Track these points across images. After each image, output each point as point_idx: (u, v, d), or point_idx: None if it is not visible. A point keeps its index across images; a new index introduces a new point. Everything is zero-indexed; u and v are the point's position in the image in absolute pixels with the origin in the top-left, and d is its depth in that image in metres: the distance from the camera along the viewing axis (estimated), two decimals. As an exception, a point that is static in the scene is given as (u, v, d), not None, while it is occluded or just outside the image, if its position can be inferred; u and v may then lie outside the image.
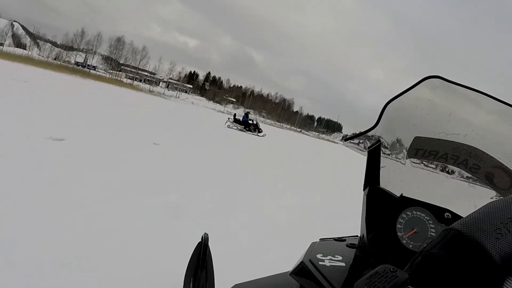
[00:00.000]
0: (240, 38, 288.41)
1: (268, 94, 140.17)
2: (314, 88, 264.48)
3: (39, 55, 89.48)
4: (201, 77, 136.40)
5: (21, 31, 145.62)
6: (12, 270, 2.18)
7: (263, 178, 7.26)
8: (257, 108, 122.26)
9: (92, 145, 6.28)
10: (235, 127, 23.96)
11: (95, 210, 3.37)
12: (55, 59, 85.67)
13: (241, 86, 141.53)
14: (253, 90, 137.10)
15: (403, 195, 0.89)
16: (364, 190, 0.94)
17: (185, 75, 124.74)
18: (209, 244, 1.07)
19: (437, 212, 0.85)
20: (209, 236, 1.05)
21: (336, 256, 0.85)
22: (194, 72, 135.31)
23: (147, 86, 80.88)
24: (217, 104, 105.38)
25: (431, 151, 0.90)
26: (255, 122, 24.97)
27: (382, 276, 0.45)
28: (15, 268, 2.21)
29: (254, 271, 1.09)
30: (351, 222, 1.53)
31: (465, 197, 0.87)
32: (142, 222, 3.38)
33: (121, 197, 3.91)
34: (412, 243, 0.83)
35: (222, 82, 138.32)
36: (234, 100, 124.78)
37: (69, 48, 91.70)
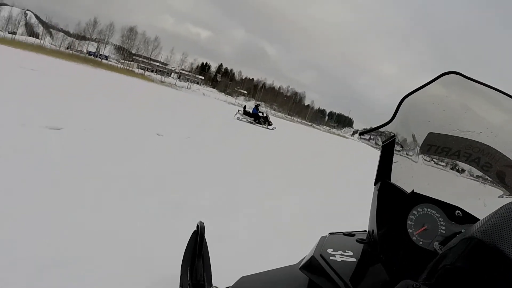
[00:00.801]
0: (254, 31, 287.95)
1: (279, 87, 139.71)
2: (325, 82, 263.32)
3: (51, 44, 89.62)
4: (213, 68, 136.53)
5: (34, 20, 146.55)
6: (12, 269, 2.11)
7: (266, 178, 7.11)
8: (269, 101, 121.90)
9: (90, 135, 6.16)
10: (245, 120, 23.78)
11: (87, 203, 3.26)
12: (67, 48, 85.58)
13: (252, 79, 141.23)
14: (264, 82, 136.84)
15: (414, 191, 0.87)
16: (375, 185, 0.94)
17: (197, 66, 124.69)
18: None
19: (448, 210, 0.84)
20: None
21: (346, 251, 0.86)
22: (206, 63, 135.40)
23: (158, 77, 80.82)
24: (229, 96, 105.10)
25: (444, 147, 0.89)
26: (265, 115, 24.76)
27: None
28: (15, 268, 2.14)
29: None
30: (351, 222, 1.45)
31: (475, 195, 0.86)
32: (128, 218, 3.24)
33: (114, 195, 3.80)
34: (422, 240, 0.82)
35: (234, 74, 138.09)
36: (246, 92, 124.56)
37: (82, 37, 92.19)
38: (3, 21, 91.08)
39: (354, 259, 0.83)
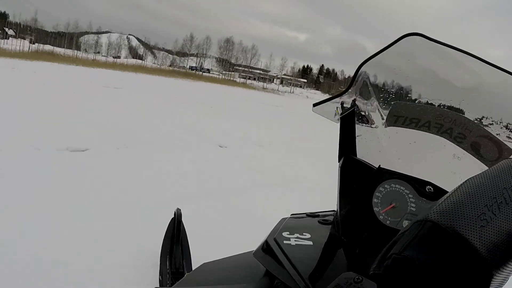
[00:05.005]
0: (350, 28, 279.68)
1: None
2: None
3: (153, 63, 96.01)
4: (315, 70, 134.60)
5: (135, 42, 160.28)
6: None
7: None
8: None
9: (120, 154, 4.84)
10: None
11: None
12: (170, 65, 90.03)
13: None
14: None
15: (381, 166, 0.80)
16: (339, 161, 0.86)
17: (298, 69, 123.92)
18: None
19: (418, 185, 0.76)
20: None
21: (304, 234, 0.78)
22: (307, 66, 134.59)
23: (260, 84, 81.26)
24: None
25: (412, 118, 0.80)
26: (367, 113, 22.02)
27: None
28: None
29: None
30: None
31: (449, 170, 0.77)
32: None
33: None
34: (389, 219, 0.75)
35: (336, 74, 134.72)
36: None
37: (183, 54, 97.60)
38: (106, 47, 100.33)
39: (310, 243, 0.74)
